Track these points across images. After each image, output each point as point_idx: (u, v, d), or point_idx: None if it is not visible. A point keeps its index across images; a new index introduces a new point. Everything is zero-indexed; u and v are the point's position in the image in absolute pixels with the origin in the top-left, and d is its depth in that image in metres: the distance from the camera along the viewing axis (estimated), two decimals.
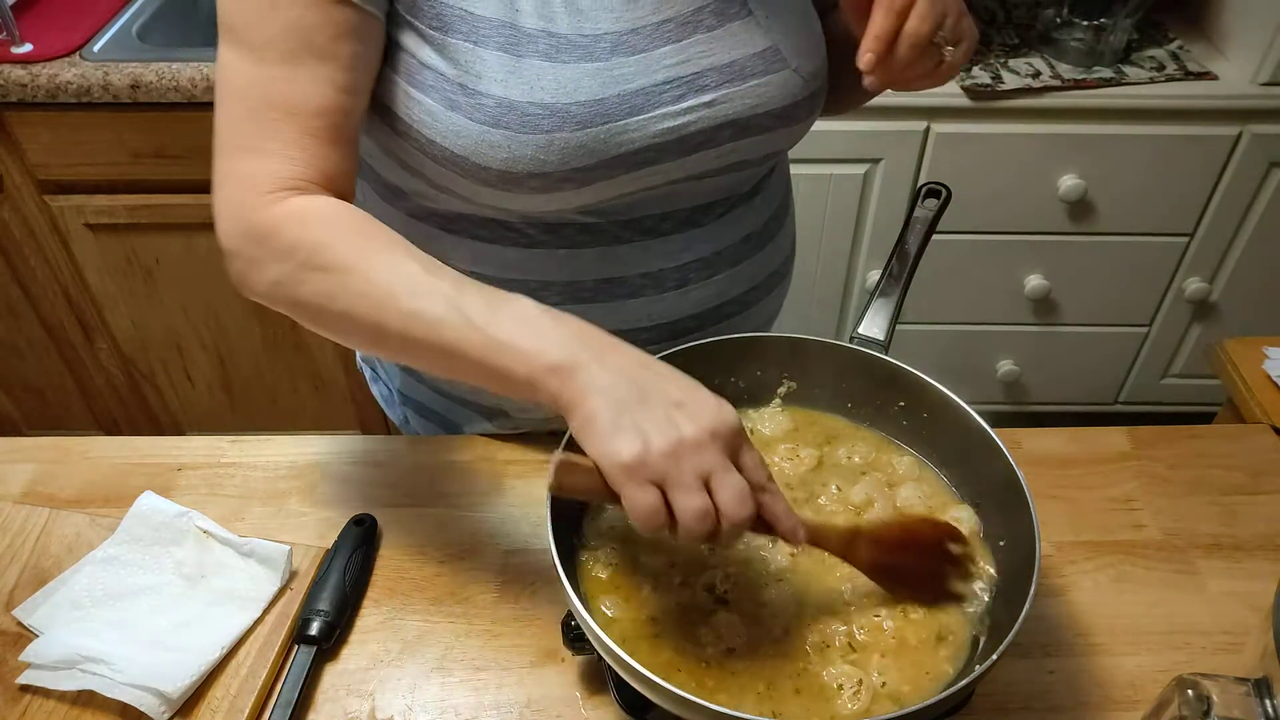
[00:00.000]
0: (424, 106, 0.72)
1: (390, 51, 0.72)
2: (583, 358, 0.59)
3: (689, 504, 0.56)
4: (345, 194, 0.71)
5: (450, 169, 0.74)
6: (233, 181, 0.68)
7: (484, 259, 0.82)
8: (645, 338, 0.85)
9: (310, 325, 0.69)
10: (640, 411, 0.57)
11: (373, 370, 1.07)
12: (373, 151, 0.82)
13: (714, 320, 0.88)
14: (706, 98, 0.75)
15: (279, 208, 0.67)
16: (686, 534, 0.57)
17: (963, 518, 0.74)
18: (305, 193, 0.68)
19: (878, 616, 0.68)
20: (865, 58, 0.70)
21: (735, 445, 0.59)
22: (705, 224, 0.84)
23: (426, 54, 0.71)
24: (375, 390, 1.07)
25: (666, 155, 0.76)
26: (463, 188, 0.76)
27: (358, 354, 1.10)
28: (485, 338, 0.61)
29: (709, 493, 0.57)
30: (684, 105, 0.74)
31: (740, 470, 0.58)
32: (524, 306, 0.63)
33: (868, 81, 0.72)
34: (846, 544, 0.67)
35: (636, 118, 0.73)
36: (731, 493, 0.57)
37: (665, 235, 0.83)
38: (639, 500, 0.56)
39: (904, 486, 0.77)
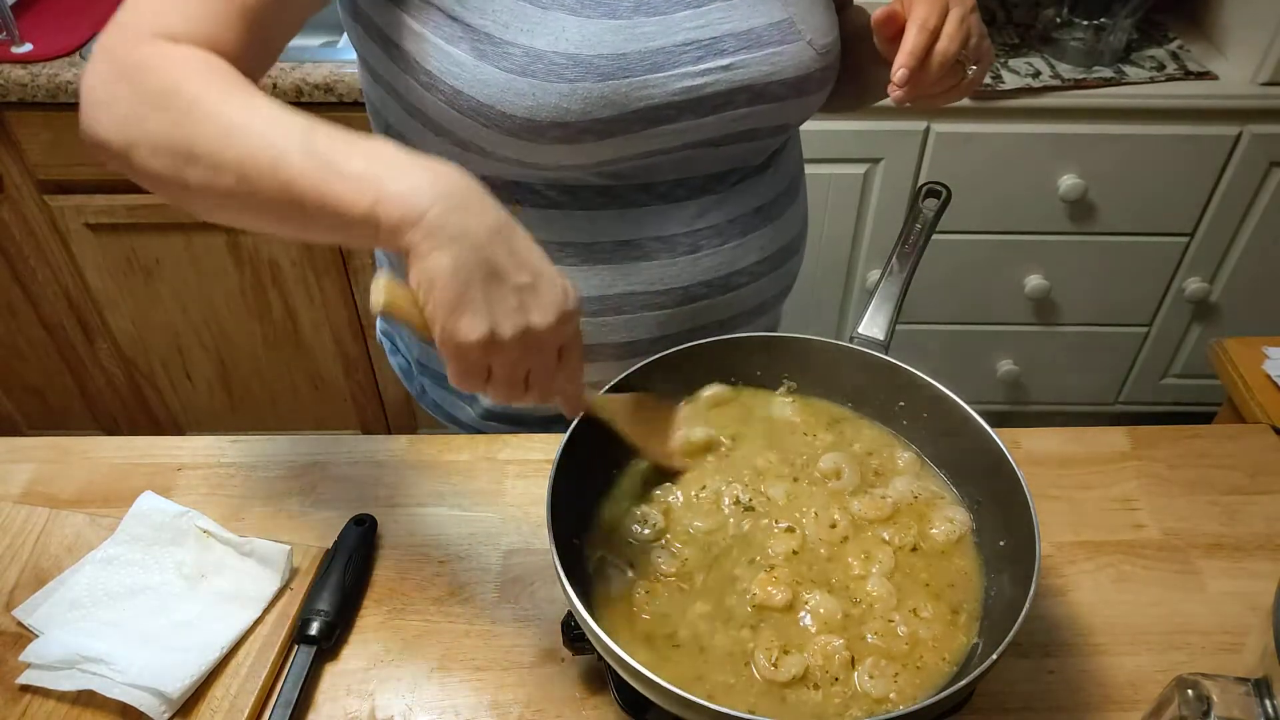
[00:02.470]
0: (453, 58, 0.75)
1: (418, 8, 0.75)
2: (436, 203, 0.54)
3: (504, 392, 0.60)
4: None
5: (475, 120, 0.76)
6: (115, 29, 0.64)
7: None
8: (659, 301, 0.88)
9: (146, 170, 0.62)
10: (489, 289, 0.55)
11: (392, 343, 1.09)
12: (400, 117, 0.84)
13: (724, 289, 0.89)
14: (724, 61, 0.78)
15: (149, 47, 0.62)
16: (493, 398, 0.61)
17: (956, 519, 0.74)
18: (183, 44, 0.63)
19: (891, 621, 0.68)
20: (899, 73, 0.75)
21: (569, 335, 0.60)
22: (718, 192, 0.86)
23: (455, 6, 0.74)
24: (394, 362, 1.09)
25: (685, 114, 0.78)
26: (486, 140, 0.78)
27: (378, 327, 1.12)
28: (327, 169, 0.55)
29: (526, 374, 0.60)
30: (703, 67, 0.77)
31: (564, 350, 0.61)
32: (381, 145, 0.57)
33: (896, 95, 0.76)
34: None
35: (657, 75, 0.76)
36: (539, 391, 0.61)
37: (679, 201, 0.85)
38: (467, 379, 0.58)
39: (899, 479, 0.77)
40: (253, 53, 0.66)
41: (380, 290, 0.57)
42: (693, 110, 0.78)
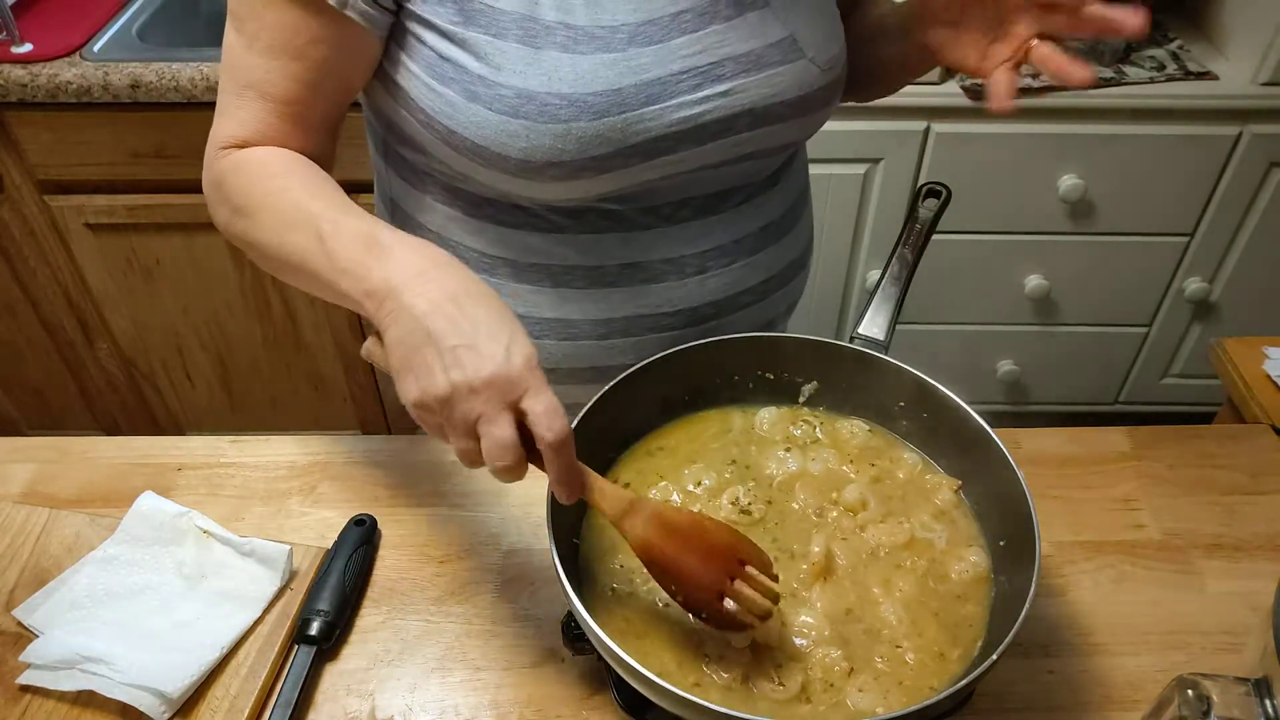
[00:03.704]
0: (445, 98, 0.74)
1: (410, 46, 0.75)
2: (396, 282, 0.62)
3: (458, 446, 0.61)
4: None
5: (471, 159, 0.76)
6: (211, 140, 0.78)
7: (508, 243, 0.84)
8: (667, 323, 0.87)
9: (256, 263, 0.78)
10: (426, 351, 0.60)
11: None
12: (399, 144, 0.84)
13: (732, 308, 0.89)
14: (723, 87, 0.76)
15: (227, 159, 0.76)
16: (462, 462, 0.62)
17: (974, 560, 0.72)
18: (252, 146, 0.76)
19: (899, 648, 0.67)
20: (1003, 94, 0.72)
21: (516, 391, 0.59)
22: (724, 212, 0.85)
23: (447, 48, 0.73)
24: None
25: (683, 144, 0.77)
26: (484, 176, 0.78)
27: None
28: (331, 264, 0.66)
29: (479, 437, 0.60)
30: (700, 95, 0.75)
31: (525, 415, 0.59)
32: (371, 230, 0.67)
33: (999, 108, 0.73)
34: (623, 513, 0.63)
35: (653, 107, 0.74)
36: (492, 443, 0.59)
37: (684, 222, 0.84)
38: (429, 431, 0.63)
39: (921, 508, 0.76)
40: (309, 138, 0.77)
41: (369, 349, 0.67)
42: (692, 139, 0.77)
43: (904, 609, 0.69)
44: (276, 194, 0.72)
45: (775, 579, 0.65)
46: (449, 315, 0.60)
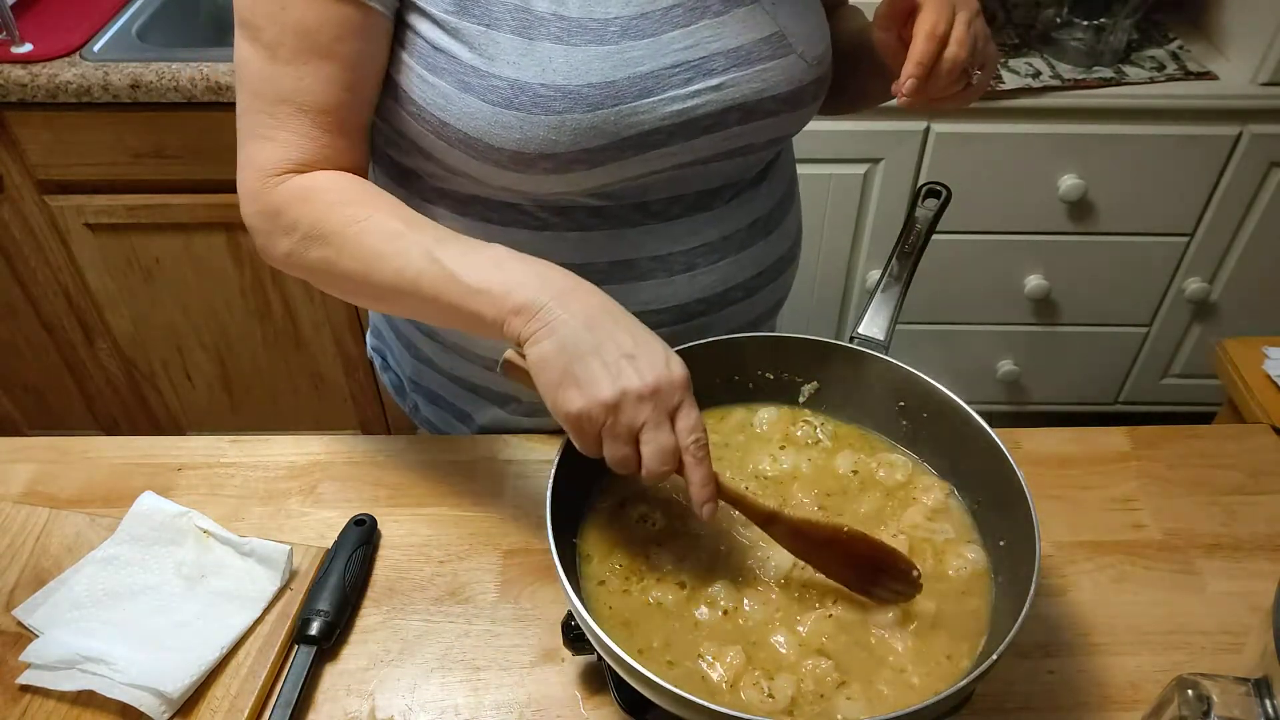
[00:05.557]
0: (438, 89, 0.74)
1: (404, 36, 0.74)
2: (544, 300, 0.64)
3: (616, 453, 0.63)
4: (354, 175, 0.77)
5: (463, 151, 0.75)
6: (250, 168, 0.75)
7: (496, 241, 0.83)
8: (655, 320, 0.86)
9: (323, 288, 0.77)
10: (590, 361, 0.62)
11: (383, 359, 1.08)
12: (389, 136, 0.83)
13: (721, 305, 0.89)
14: (714, 81, 0.76)
15: (284, 188, 0.74)
16: (613, 468, 0.64)
17: (972, 557, 0.72)
18: (307, 171, 0.74)
19: (904, 671, 0.66)
20: (908, 84, 0.74)
21: (675, 403, 0.63)
22: (713, 208, 0.85)
23: (440, 37, 0.73)
24: (385, 379, 1.08)
25: (675, 137, 0.77)
26: (475, 170, 0.77)
27: (368, 344, 1.11)
28: (460, 286, 0.67)
29: (638, 443, 0.63)
30: (692, 89, 0.76)
31: (674, 426, 0.63)
32: (496, 253, 0.68)
33: (901, 102, 0.75)
34: (765, 520, 0.69)
35: (646, 100, 0.74)
36: (654, 450, 0.63)
37: (673, 219, 0.84)
38: (580, 442, 0.64)
39: (913, 509, 0.76)
40: (353, 147, 0.76)
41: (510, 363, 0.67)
42: (684, 133, 0.77)
43: (905, 616, 0.69)
44: (362, 221, 0.71)
45: (916, 573, 0.67)
46: (607, 328, 0.63)
